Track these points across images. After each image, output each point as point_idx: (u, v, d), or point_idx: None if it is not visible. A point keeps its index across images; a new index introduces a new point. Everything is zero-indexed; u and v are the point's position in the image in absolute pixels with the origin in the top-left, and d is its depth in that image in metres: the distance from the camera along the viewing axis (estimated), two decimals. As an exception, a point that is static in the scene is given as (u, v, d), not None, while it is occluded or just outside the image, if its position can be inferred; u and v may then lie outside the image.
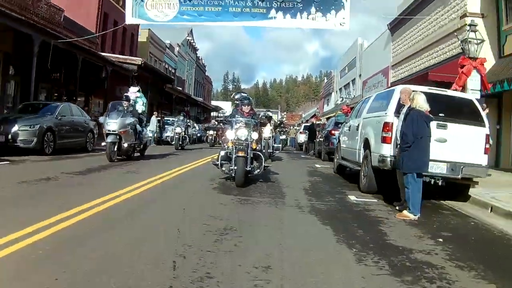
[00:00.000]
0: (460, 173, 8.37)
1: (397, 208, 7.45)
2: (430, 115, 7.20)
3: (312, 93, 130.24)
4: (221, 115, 57.96)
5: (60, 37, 18.11)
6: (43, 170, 10.24)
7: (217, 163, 9.56)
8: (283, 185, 9.98)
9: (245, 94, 12.08)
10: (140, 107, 16.33)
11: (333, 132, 17.92)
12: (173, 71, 45.65)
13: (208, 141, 28.85)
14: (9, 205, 6.11)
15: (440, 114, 8.38)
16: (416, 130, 6.94)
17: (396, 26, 26.03)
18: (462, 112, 8.82)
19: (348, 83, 41.94)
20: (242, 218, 6.18)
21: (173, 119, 28.60)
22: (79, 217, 5.50)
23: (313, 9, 16.71)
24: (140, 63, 27.00)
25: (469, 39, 12.19)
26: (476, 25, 12.69)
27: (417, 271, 4.28)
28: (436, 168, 8.26)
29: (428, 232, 6.09)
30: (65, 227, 5.00)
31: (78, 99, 22.04)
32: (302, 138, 31.90)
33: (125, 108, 13.52)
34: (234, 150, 9.10)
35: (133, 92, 16.62)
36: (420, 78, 19.18)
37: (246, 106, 10.23)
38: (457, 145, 8.42)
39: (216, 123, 26.73)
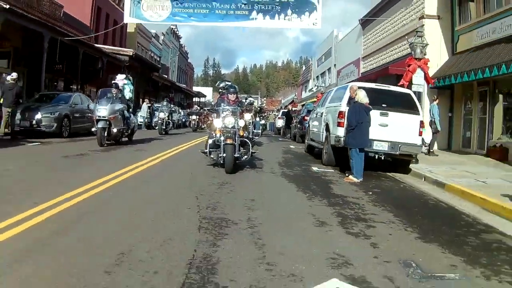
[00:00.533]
0: (398, 150, 10.83)
1: (346, 174, 10.04)
2: (370, 106, 9.76)
3: (292, 79, 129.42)
4: (206, 102, 59.34)
5: (66, 33, 20.12)
6: (71, 148, 12.61)
7: (206, 151, 9.85)
8: (262, 160, 12.27)
9: (230, 83, 12.43)
10: (127, 93, 17.67)
11: (305, 118, 20.01)
12: (158, 59, 47.25)
13: (191, 126, 30.01)
14: (67, 170, 8.63)
15: (383, 105, 10.94)
16: (358, 117, 9.54)
17: (366, 21, 28.07)
18: (401, 103, 11.30)
19: (325, 72, 43.77)
20: (233, 178, 8.78)
21: (159, 105, 29.47)
22: (128, 174, 8.03)
23: (289, 11, 19.14)
24: (131, 54, 29.08)
25: (415, 43, 14.78)
26: (422, 31, 15.23)
27: (345, 205, 6.88)
28: (380, 146, 10.78)
29: (363, 189, 8.59)
30: (120, 180, 7.53)
31: (74, 87, 23.95)
32: (280, 123, 34.15)
33: (114, 95, 14.02)
34: (223, 138, 9.35)
35: (120, 79, 18.16)
36: (383, 70, 21.65)
37: (232, 95, 10.47)
38: (396, 129, 10.83)
39: (199, 108, 28.24)
